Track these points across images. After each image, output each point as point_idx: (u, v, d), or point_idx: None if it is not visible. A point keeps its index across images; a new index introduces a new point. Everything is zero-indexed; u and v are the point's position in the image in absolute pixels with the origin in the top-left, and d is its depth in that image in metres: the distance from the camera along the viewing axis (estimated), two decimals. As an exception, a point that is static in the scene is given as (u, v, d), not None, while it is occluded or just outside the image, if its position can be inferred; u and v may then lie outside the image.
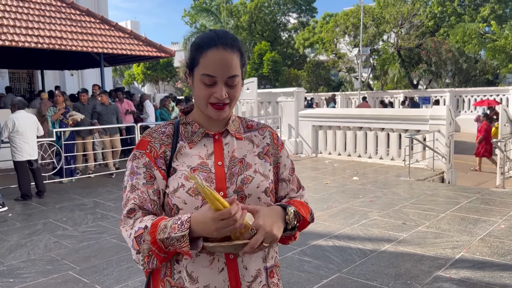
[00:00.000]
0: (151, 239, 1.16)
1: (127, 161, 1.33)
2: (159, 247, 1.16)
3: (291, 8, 32.73)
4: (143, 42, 11.72)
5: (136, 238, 1.19)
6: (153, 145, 1.30)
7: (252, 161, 1.33)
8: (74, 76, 16.76)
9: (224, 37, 1.25)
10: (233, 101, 1.28)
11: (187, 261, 1.24)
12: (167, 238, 1.14)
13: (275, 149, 1.41)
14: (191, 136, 1.32)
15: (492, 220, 5.33)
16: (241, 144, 1.35)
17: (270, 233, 1.17)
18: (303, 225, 1.32)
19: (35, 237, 5.06)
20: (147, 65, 31.33)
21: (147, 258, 1.19)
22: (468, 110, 18.82)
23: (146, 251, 1.18)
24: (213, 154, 1.30)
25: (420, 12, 25.24)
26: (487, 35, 19.49)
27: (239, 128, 1.38)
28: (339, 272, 3.90)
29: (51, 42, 9.63)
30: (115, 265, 4.16)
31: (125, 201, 1.28)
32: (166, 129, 1.34)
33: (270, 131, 1.43)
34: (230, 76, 1.23)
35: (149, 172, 1.27)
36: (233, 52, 1.24)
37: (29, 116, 6.92)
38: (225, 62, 1.22)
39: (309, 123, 11.28)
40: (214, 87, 1.23)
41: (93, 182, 8.25)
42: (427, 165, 9.10)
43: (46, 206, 6.57)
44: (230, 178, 1.28)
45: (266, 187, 1.31)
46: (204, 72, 1.23)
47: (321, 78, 30.32)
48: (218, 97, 1.23)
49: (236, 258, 1.25)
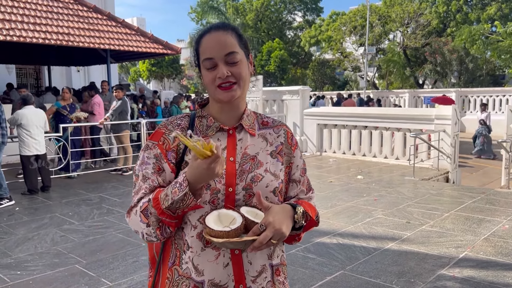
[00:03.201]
0: (158, 211, 1.19)
1: (140, 151, 1.35)
2: (168, 215, 1.19)
3: (297, 6, 32.69)
4: (149, 39, 11.76)
5: (142, 212, 1.22)
6: (167, 137, 1.31)
7: (264, 159, 1.33)
8: (81, 73, 16.83)
9: (217, 24, 1.29)
10: (240, 79, 1.27)
11: (193, 253, 1.26)
12: (171, 204, 1.16)
13: (289, 148, 1.40)
14: (206, 130, 1.32)
15: (496, 220, 5.33)
16: (255, 141, 1.35)
17: (279, 230, 1.17)
18: (309, 226, 1.33)
19: (42, 231, 5.12)
20: (152, 62, 31.39)
21: (158, 229, 1.22)
22: (474, 111, 18.74)
23: (156, 223, 1.21)
24: (225, 149, 1.30)
25: (426, 12, 25.16)
26: (492, 36, 19.40)
27: (253, 124, 1.38)
28: (343, 269, 3.92)
29: (58, 38, 9.68)
30: (121, 259, 4.21)
31: (137, 189, 1.30)
32: (182, 122, 1.35)
33: (286, 129, 1.43)
34: (227, 53, 1.24)
35: (158, 163, 1.29)
36: (226, 31, 1.27)
37: (37, 111, 6.98)
38: (219, 42, 1.24)
39: (314, 121, 11.28)
40: (216, 69, 1.25)
41: (99, 178, 8.31)
42: (431, 165, 9.09)
43: (52, 200, 6.63)
44: (240, 175, 1.28)
45: (275, 187, 1.31)
46: (204, 57, 1.26)
47: (326, 76, 30.31)
48: (220, 75, 1.24)
49: (241, 253, 1.26)
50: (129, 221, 1.29)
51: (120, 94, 8.64)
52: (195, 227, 1.26)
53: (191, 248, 1.26)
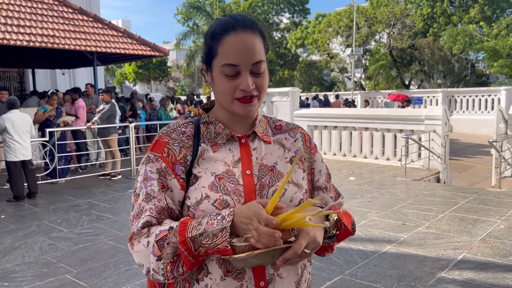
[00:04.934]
0: (180, 238, 0.99)
1: (140, 164, 1.15)
2: (189, 248, 0.98)
3: (284, 8, 32.75)
4: (136, 41, 11.61)
5: (157, 242, 1.01)
6: (172, 147, 1.12)
7: (284, 169, 1.17)
8: (66, 75, 16.55)
9: (243, 19, 1.09)
10: (261, 92, 1.11)
11: (211, 281, 1.06)
12: (201, 234, 0.97)
13: (309, 153, 1.25)
14: (215, 138, 1.14)
15: (491, 221, 5.32)
16: (271, 149, 1.18)
17: (313, 238, 1.01)
18: (343, 235, 1.17)
19: (29, 239, 4.95)
20: (139, 64, 31.15)
21: (170, 265, 1.01)
22: (460, 110, 18.95)
23: (170, 256, 1.01)
24: (239, 161, 1.13)
25: (412, 13, 25.40)
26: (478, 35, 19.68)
27: (266, 130, 1.21)
28: (342, 274, 3.85)
29: (43, 40, 9.48)
30: (113, 268, 4.07)
31: (138, 211, 1.08)
32: (186, 129, 1.16)
33: (302, 132, 1.27)
34: (255, 62, 1.07)
35: (162, 180, 1.09)
36: (255, 34, 1.08)
37: (22, 115, 6.78)
38: (247, 47, 1.06)
39: (304, 123, 11.22)
40: (238, 78, 1.07)
41: (87, 183, 8.12)
42: (422, 165, 9.11)
43: (39, 207, 6.44)
44: (260, 191, 1.11)
45: (300, 198, 1.15)
46: (225, 62, 1.06)
47: (314, 78, 30.39)
48: (244, 88, 1.06)
49: (267, 285, 1.08)
50: (134, 252, 1.07)
51: (106, 97, 8.47)
52: None
53: (211, 274, 1.07)
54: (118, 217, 5.83)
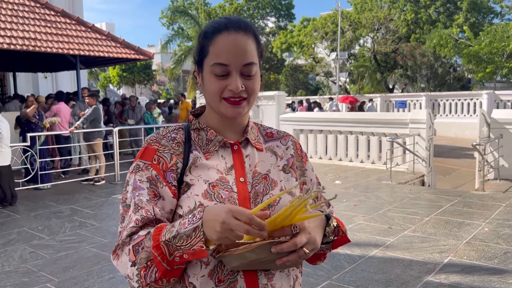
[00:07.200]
0: (154, 243, 0.94)
1: (128, 173, 1.11)
2: (162, 253, 0.93)
3: (269, 12, 32.88)
4: (120, 44, 11.48)
5: (133, 247, 0.98)
6: (162, 154, 1.08)
7: (277, 177, 1.14)
8: (48, 79, 16.29)
9: (237, 20, 1.08)
10: (251, 95, 1.08)
11: None
12: (174, 237, 0.93)
13: (300, 161, 1.23)
14: (207, 145, 1.12)
15: (475, 223, 5.37)
16: (263, 157, 1.16)
17: (313, 238, 0.98)
18: (339, 242, 1.14)
19: (9, 248, 4.81)
20: (123, 67, 30.86)
21: (144, 270, 0.96)
22: (443, 114, 19.20)
23: (144, 260, 0.96)
24: (232, 168, 1.10)
25: (395, 18, 25.74)
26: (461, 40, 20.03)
27: (258, 137, 1.19)
28: (329, 279, 3.82)
29: (25, 43, 9.30)
30: (96, 276, 3.97)
31: (127, 223, 1.04)
32: (176, 135, 1.12)
33: (293, 140, 1.25)
34: (246, 63, 1.05)
35: (154, 188, 1.05)
36: (248, 35, 1.06)
37: (4, 120, 6.64)
38: (238, 47, 1.04)
39: (290, 127, 11.23)
40: (227, 78, 1.05)
41: (69, 188, 7.96)
42: (407, 169, 9.18)
43: (19, 214, 6.28)
44: (254, 198, 1.08)
45: None
46: (216, 61, 1.04)
47: (299, 82, 30.52)
48: (233, 89, 1.04)
49: None
50: (117, 263, 1.02)
51: (92, 101, 8.34)
52: (207, 264, 1.02)
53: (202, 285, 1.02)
54: (101, 223, 5.72)
